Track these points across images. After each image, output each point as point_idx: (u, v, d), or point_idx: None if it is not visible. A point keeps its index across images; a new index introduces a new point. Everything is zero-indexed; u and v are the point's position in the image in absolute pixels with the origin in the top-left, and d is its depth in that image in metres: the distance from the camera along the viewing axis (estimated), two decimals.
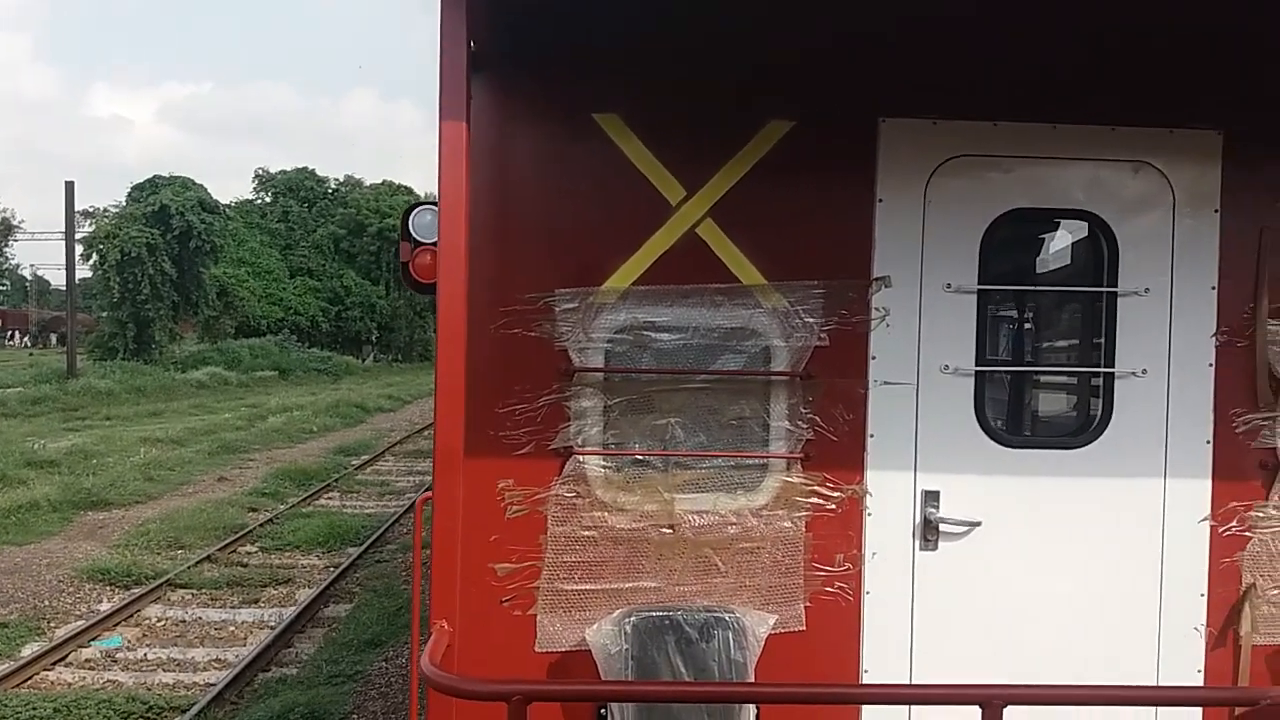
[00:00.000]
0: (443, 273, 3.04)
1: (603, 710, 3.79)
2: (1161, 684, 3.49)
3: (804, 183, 3.93)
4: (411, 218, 4.20)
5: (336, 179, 73.97)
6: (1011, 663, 3.85)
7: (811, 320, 3.92)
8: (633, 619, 3.76)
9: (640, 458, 3.89)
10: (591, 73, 3.86)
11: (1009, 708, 2.60)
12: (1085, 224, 4.11)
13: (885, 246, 3.96)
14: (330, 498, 17.84)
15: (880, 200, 3.96)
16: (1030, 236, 4.34)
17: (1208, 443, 4.03)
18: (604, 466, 3.87)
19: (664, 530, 3.88)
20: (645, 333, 3.87)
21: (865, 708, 3.93)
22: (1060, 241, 4.38)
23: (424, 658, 2.60)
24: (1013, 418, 4.38)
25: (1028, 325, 4.57)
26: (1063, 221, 4.19)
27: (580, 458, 3.84)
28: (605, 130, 3.85)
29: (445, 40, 3.03)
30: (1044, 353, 4.46)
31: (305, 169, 72.40)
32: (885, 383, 3.97)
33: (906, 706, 3.86)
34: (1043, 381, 4.46)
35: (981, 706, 2.48)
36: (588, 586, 3.85)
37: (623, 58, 3.85)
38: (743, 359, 3.92)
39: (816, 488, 3.94)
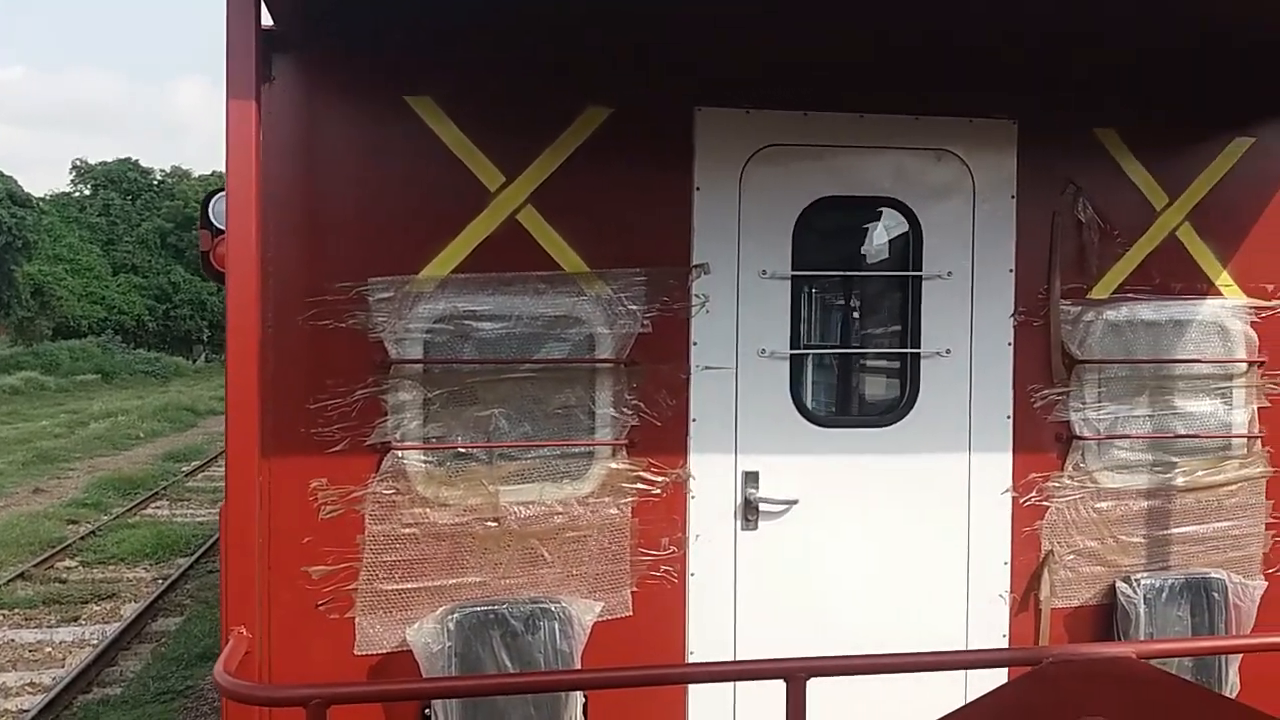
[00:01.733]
0: (232, 262, 2.88)
1: (427, 710, 3.71)
2: (965, 649, 3.66)
3: (624, 170, 3.93)
4: (211, 204, 3.98)
5: (163, 170, 70.22)
6: (829, 636, 3.96)
7: (635, 307, 3.93)
8: (456, 615, 3.68)
9: (463, 450, 3.81)
10: (403, 54, 3.75)
11: (815, 680, 2.68)
12: (892, 210, 4.27)
13: (704, 234, 4.01)
14: (159, 506, 16.91)
15: (698, 188, 4.00)
16: (841, 223, 4.48)
17: (1008, 418, 4.25)
18: (424, 461, 3.77)
19: (489, 524, 3.81)
20: (466, 322, 3.79)
21: (692, 689, 3.98)
22: (870, 228, 4.53)
23: (218, 666, 2.47)
24: (827, 399, 4.51)
25: (841, 309, 4.72)
26: (871, 208, 4.33)
27: (399, 453, 3.73)
28: (418, 113, 3.74)
29: (232, 15, 2.87)
30: (857, 335, 4.62)
31: (128, 160, 68.38)
32: (706, 368, 4.02)
33: (719, 683, 3.94)
34: (855, 363, 4.61)
35: (786, 680, 2.54)
36: (409, 585, 3.75)
37: (435, 39, 3.75)
38: (567, 347, 3.90)
39: (642, 473, 3.96)
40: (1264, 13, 3.91)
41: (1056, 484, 4.28)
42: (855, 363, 4.61)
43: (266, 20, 3.38)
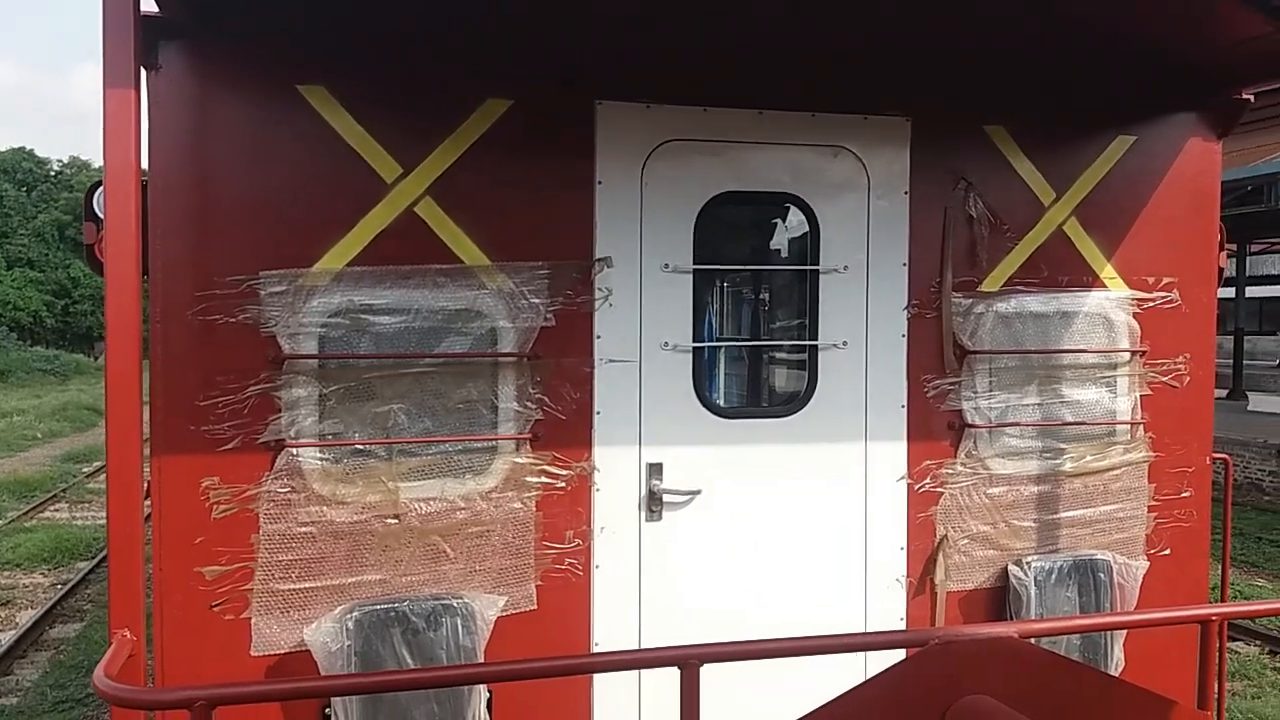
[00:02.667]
0: (111, 255, 2.79)
1: (327, 710, 3.66)
2: (855, 633, 3.74)
3: (525, 163, 3.92)
4: (95, 196, 3.85)
5: (60, 160, 67.42)
6: (732, 624, 4.03)
7: (537, 301, 3.92)
8: (355, 614, 3.63)
9: (361, 447, 3.75)
10: (296, 42, 3.67)
11: (718, 667, 2.72)
12: (791, 205, 4.33)
13: (606, 228, 4.02)
14: (57, 509, 16.30)
15: (600, 182, 4.01)
16: (742, 218, 4.53)
17: (903, 407, 4.36)
18: (320, 458, 3.70)
19: (389, 521, 3.77)
20: (362, 316, 3.73)
21: (596, 680, 4.00)
22: (770, 222, 4.60)
23: (98, 670, 2.39)
24: (729, 390, 4.57)
25: (744, 302, 4.78)
26: (771, 203, 4.39)
27: (294, 450, 3.66)
28: (311, 103, 3.67)
29: (108, 0, 2.78)
30: (759, 328, 4.68)
31: (22, 149, 65.43)
32: (610, 361, 4.04)
33: (624, 675, 3.97)
34: (756, 355, 4.68)
35: (680, 667, 2.57)
36: (307, 584, 3.68)
37: (330, 27, 3.69)
38: (468, 341, 3.87)
39: (546, 467, 3.96)
40: (1144, 15, 4.08)
41: (950, 471, 4.40)
42: (756, 354, 4.67)
43: (151, 6, 3.28)
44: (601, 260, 4.00)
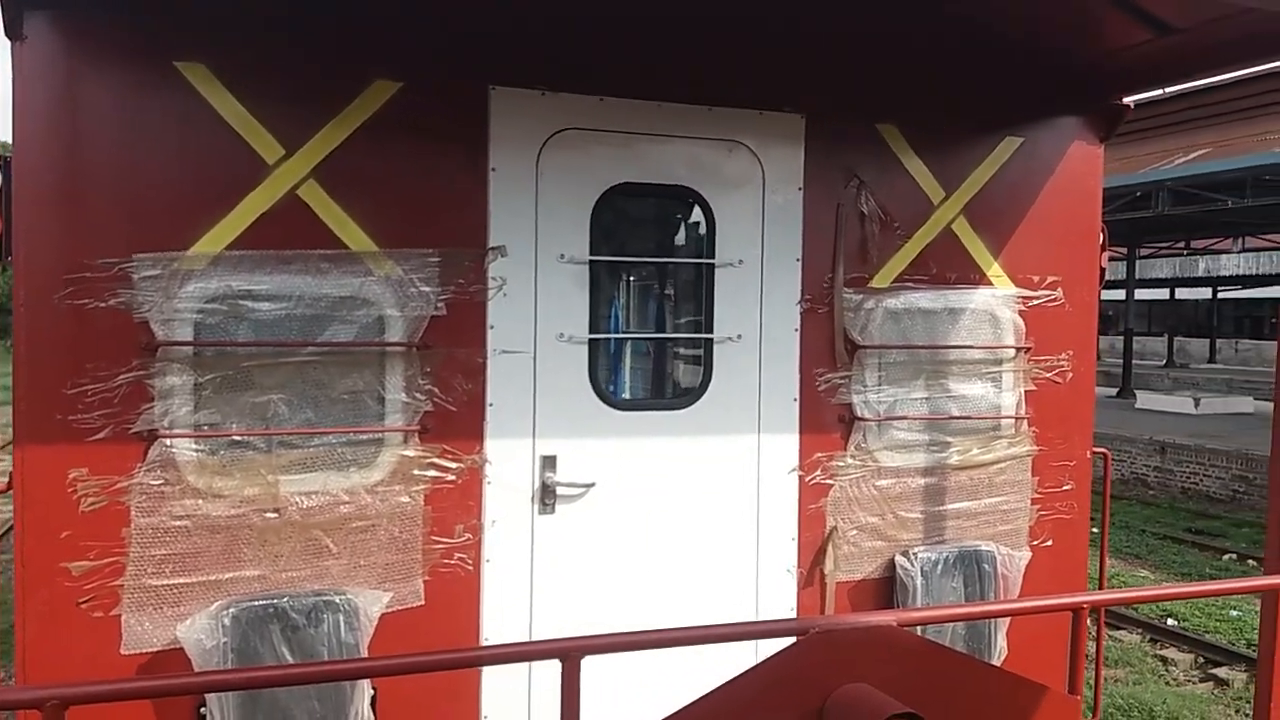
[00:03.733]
0: None
1: (202, 709, 3.54)
2: (737, 622, 3.76)
3: (415, 147, 3.83)
4: None
5: None
6: (625, 616, 4.01)
7: (428, 289, 3.84)
8: (231, 610, 3.51)
9: (238, 438, 3.62)
10: (172, 16, 3.52)
11: (608, 660, 2.70)
12: (688, 199, 4.33)
13: (500, 216, 3.96)
14: None
15: (493, 169, 3.95)
16: (639, 210, 4.52)
17: (795, 400, 4.40)
18: (196, 450, 3.56)
19: (268, 515, 3.64)
20: (241, 302, 3.60)
21: (485, 676, 3.95)
22: (667, 215, 4.60)
23: None
24: (624, 383, 4.55)
25: (641, 295, 4.76)
26: (667, 196, 4.38)
27: (167, 441, 3.51)
28: (189, 80, 3.52)
29: None
30: (655, 321, 4.67)
31: None
32: (504, 351, 3.98)
33: (513, 670, 3.93)
34: (651, 348, 4.67)
35: (561, 659, 2.54)
36: (181, 580, 3.54)
37: (210, 1, 3.55)
38: (354, 329, 3.76)
39: (435, 459, 3.88)
40: (1030, 20, 4.19)
41: (840, 463, 4.47)
42: (652, 347, 4.66)
43: None
44: (495, 249, 3.94)
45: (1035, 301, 4.80)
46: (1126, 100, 4.88)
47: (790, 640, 2.81)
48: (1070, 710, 3.06)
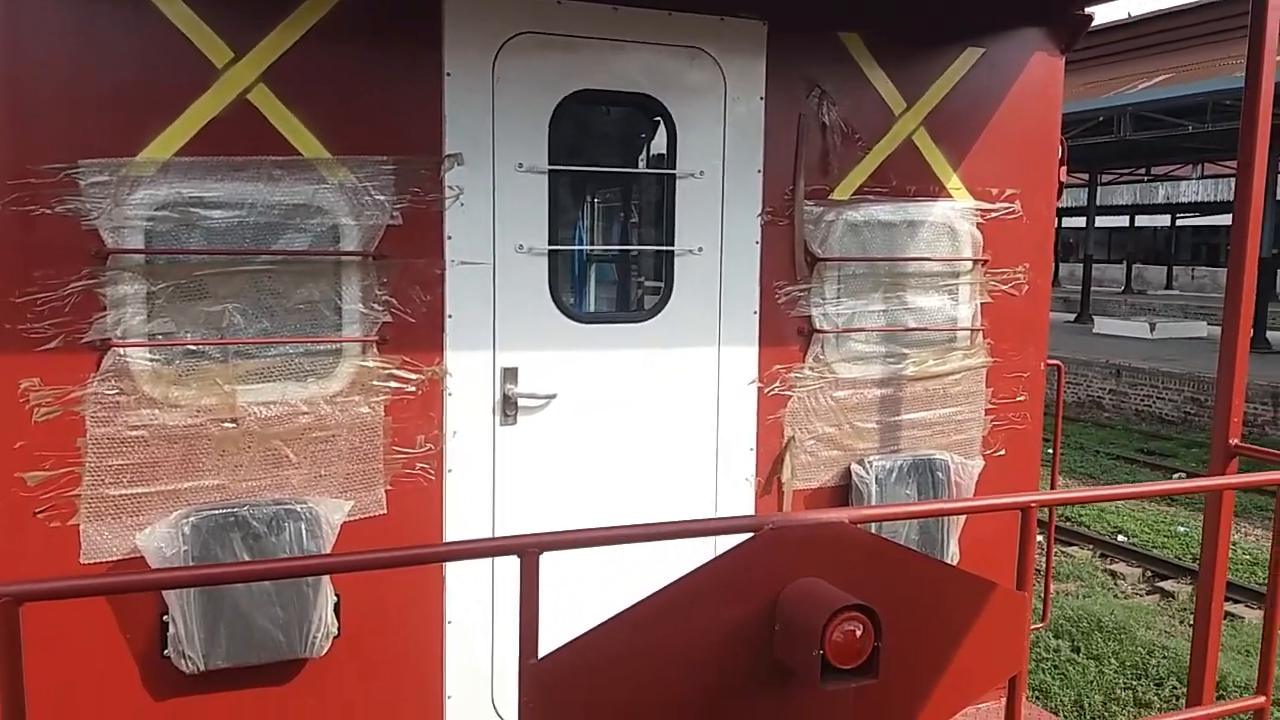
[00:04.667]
0: None
1: (165, 617, 3.56)
2: (689, 520, 3.82)
3: (367, 51, 3.74)
4: None
5: None
6: (587, 524, 4.06)
7: (382, 198, 3.78)
8: (191, 519, 3.52)
9: (194, 348, 3.59)
10: None
11: (571, 560, 2.74)
12: (649, 108, 4.29)
13: (456, 123, 3.89)
14: None
15: (449, 74, 3.87)
16: (599, 118, 4.47)
17: (755, 313, 4.43)
18: (151, 359, 3.53)
19: (226, 425, 3.63)
20: (193, 209, 3.53)
21: (449, 580, 4.00)
22: (628, 124, 4.55)
23: None
24: (585, 295, 4.55)
25: (602, 206, 4.74)
26: (628, 105, 4.33)
27: (121, 350, 3.47)
28: None
29: None
30: (617, 232, 4.65)
31: None
32: (462, 263, 3.95)
33: (477, 574, 3.99)
34: (612, 259, 4.66)
35: (519, 555, 2.57)
36: (140, 490, 3.54)
37: None
38: (308, 238, 3.71)
39: (395, 371, 3.87)
40: None
41: (798, 375, 4.51)
42: (613, 259, 4.65)
43: None
44: (451, 157, 3.88)
45: (993, 214, 4.83)
46: (1088, 10, 4.86)
47: (745, 537, 2.86)
48: (1018, 605, 3.16)
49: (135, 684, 3.58)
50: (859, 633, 2.64)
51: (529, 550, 2.57)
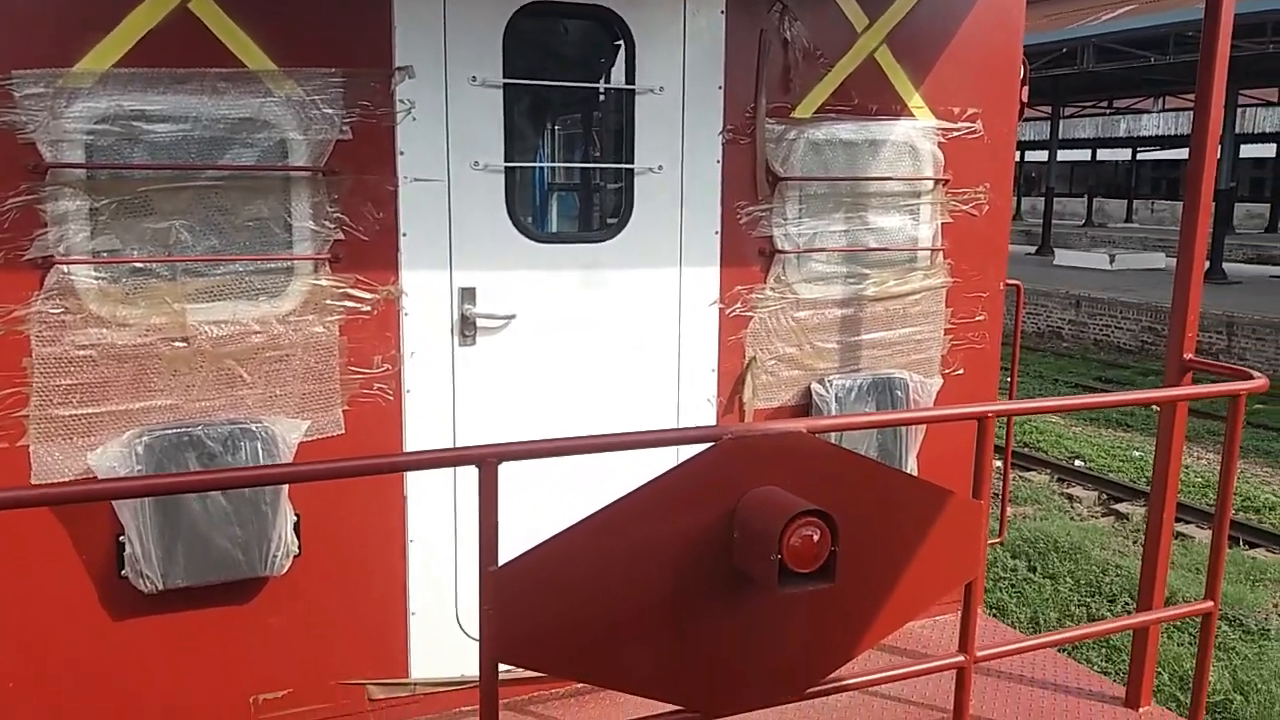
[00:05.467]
0: None
1: (121, 537, 3.53)
2: (647, 430, 3.82)
3: None
4: None
5: None
6: None
7: (331, 111, 3.68)
8: (144, 439, 3.47)
9: (141, 266, 3.50)
10: None
11: (513, 473, 2.73)
12: (606, 20, 4.19)
13: (406, 35, 3.78)
14: None
15: None
16: (556, 31, 4.36)
17: (716, 233, 4.39)
18: (96, 277, 3.44)
19: (176, 344, 3.56)
20: (134, 123, 3.42)
21: (411, 500, 3.99)
22: (586, 37, 4.45)
23: None
24: (544, 214, 4.49)
25: (561, 122, 4.65)
26: (586, 18, 4.22)
27: (65, 268, 3.38)
28: None
29: None
30: (574, 150, 4.57)
31: None
32: (415, 179, 3.87)
33: (437, 489, 3.98)
34: (572, 178, 4.59)
35: (478, 465, 2.56)
36: (90, 410, 3.47)
37: None
38: (255, 153, 3.61)
39: (349, 290, 3.81)
40: None
41: (759, 296, 4.50)
42: (572, 178, 4.58)
43: None
44: (402, 70, 3.78)
45: (955, 133, 4.80)
46: None
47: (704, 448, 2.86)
48: (974, 513, 3.21)
49: (93, 604, 3.56)
50: (816, 538, 2.67)
51: (487, 460, 2.56)
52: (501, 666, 2.65)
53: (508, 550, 2.58)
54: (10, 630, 3.46)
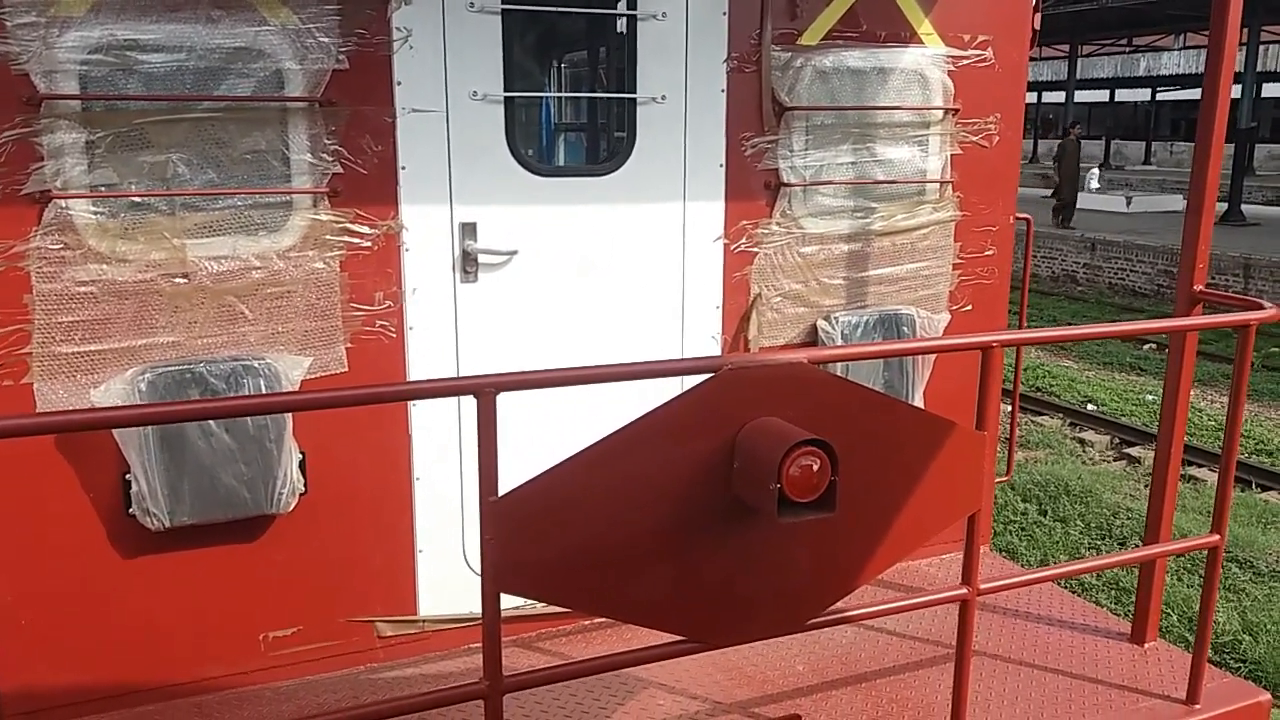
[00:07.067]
0: None
1: (127, 475, 3.54)
2: (646, 361, 3.79)
3: None
4: None
5: None
6: None
7: (327, 40, 3.62)
8: (148, 376, 3.46)
9: (139, 200, 3.47)
10: None
11: (514, 404, 2.71)
12: None
13: None
14: None
15: None
16: None
17: (721, 166, 4.32)
18: (95, 212, 3.41)
19: (177, 280, 3.55)
20: (129, 53, 3.37)
21: (416, 436, 3.99)
22: None
23: None
24: (545, 146, 4.42)
25: (562, 51, 4.56)
26: None
27: (62, 203, 3.36)
28: None
29: None
30: (575, 79, 4.49)
31: None
32: (413, 110, 3.81)
33: (443, 419, 3.98)
34: (574, 109, 4.51)
35: (476, 395, 2.55)
36: (93, 347, 3.47)
37: None
38: (251, 84, 3.55)
39: (349, 225, 3.77)
40: None
41: (765, 230, 4.44)
42: (574, 108, 4.51)
43: None
44: None
45: (965, 61, 4.70)
46: None
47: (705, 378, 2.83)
48: (978, 444, 3.18)
49: (102, 542, 3.59)
50: (816, 467, 2.64)
51: (485, 390, 2.54)
52: (509, 604, 2.65)
53: (511, 484, 2.57)
54: (21, 569, 3.50)
